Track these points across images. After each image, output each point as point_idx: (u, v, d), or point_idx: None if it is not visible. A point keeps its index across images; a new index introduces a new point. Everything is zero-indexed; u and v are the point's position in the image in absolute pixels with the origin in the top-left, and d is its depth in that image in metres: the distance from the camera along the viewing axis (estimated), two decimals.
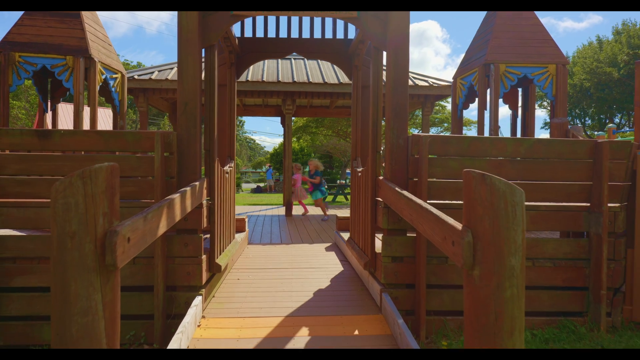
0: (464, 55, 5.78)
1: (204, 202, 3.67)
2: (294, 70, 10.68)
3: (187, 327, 2.97)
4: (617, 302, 3.64)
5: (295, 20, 5.84)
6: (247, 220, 6.60)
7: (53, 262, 1.54)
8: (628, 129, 14.45)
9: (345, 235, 5.87)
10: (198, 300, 3.41)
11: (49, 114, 5.61)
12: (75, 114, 4.74)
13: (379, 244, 3.85)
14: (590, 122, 30.04)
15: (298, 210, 11.15)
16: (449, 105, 20.01)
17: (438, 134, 4.12)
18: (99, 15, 5.31)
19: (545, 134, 31.65)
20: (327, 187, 20.93)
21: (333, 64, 6.60)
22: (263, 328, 3.26)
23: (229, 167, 4.91)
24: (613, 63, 26.19)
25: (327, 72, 10.71)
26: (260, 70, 10.47)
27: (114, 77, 5.23)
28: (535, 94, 5.73)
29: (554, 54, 5.12)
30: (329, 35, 5.83)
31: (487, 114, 5.20)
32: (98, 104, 4.92)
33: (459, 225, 1.80)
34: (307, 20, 7.11)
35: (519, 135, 5.74)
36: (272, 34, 5.73)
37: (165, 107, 10.97)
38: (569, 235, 3.94)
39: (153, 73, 9.59)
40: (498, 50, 5.09)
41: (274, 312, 3.59)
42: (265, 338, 3.09)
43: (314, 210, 11.31)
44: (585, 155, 3.62)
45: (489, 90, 5.09)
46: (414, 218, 2.67)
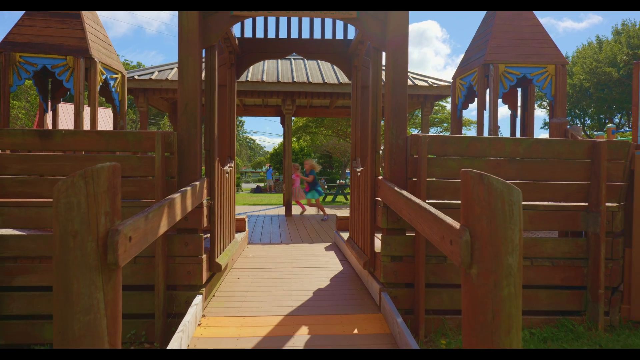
0: (464, 56, 5.80)
1: (204, 201, 3.68)
2: (294, 71, 10.69)
3: (187, 326, 2.99)
4: (615, 301, 3.66)
5: (295, 21, 5.85)
6: (247, 220, 6.62)
7: (55, 260, 1.55)
8: (627, 129, 14.45)
9: (345, 235, 5.89)
10: (198, 300, 3.42)
11: (50, 114, 5.63)
12: (76, 114, 4.76)
13: (379, 244, 3.86)
14: (590, 122, 30.06)
15: (298, 210, 11.20)
16: (449, 106, 20.00)
17: (437, 134, 4.14)
18: (99, 16, 5.32)
19: (545, 134, 31.68)
20: (326, 187, 21.08)
21: (333, 65, 6.61)
22: (263, 327, 3.28)
23: (229, 167, 4.93)
24: (613, 63, 26.21)
25: (326, 72, 10.72)
26: (260, 71, 10.48)
27: (114, 77, 5.25)
28: (535, 94, 5.74)
29: (553, 54, 5.14)
30: (329, 36, 5.84)
31: (486, 114, 5.22)
32: (98, 104, 4.93)
33: (457, 225, 1.82)
34: (306, 21, 7.13)
35: (519, 135, 5.76)
36: (272, 35, 5.75)
37: (165, 107, 10.98)
38: (568, 235, 3.96)
39: (153, 73, 9.60)
40: (497, 51, 5.11)
41: (274, 311, 3.61)
42: (265, 337, 3.11)
43: (313, 210, 11.32)
44: (584, 155, 3.64)
45: (488, 91, 5.10)
46: (413, 217, 2.69)
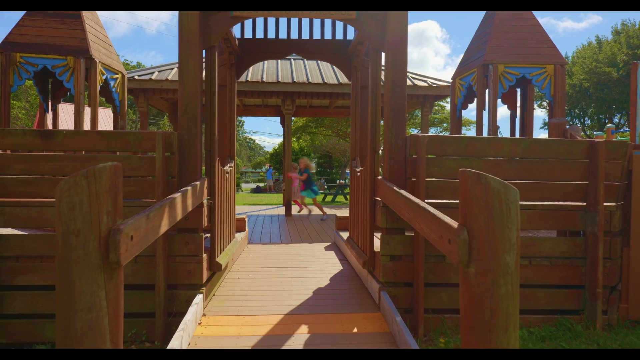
0: (463, 56, 5.82)
1: (205, 201, 3.70)
2: (294, 71, 10.71)
3: (188, 324, 3.01)
4: (613, 300, 3.68)
5: (295, 22, 5.87)
6: (247, 220, 6.64)
7: (58, 259, 1.57)
8: (627, 129, 14.48)
9: (345, 235, 5.91)
10: (199, 299, 3.44)
11: (50, 114, 5.65)
12: (76, 114, 4.78)
13: (378, 243, 3.88)
14: (590, 122, 30.08)
15: (297, 209, 11.20)
16: (448, 106, 20.00)
17: (436, 134, 4.16)
18: (99, 16, 5.34)
19: (544, 134, 31.70)
20: (326, 187, 21.11)
21: (332, 65, 6.63)
22: (263, 326, 3.29)
23: (229, 167, 4.94)
24: (612, 63, 26.23)
25: (326, 72, 10.74)
26: (260, 71, 10.50)
27: (115, 77, 5.26)
28: (534, 94, 5.76)
29: (552, 55, 5.16)
30: (329, 36, 5.86)
31: (485, 114, 5.24)
32: (98, 104, 4.95)
33: (455, 224, 1.84)
34: (306, 22, 7.14)
35: (518, 135, 5.78)
36: (271, 35, 5.77)
37: (166, 107, 11.00)
38: (566, 234, 3.98)
39: (153, 73, 9.61)
40: (496, 51, 5.13)
41: (274, 310, 3.63)
42: (265, 336, 3.13)
43: (314, 210, 11.34)
44: (582, 155, 3.66)
45: (488, 91, 5.12)
46: (412, 217, 2.71)
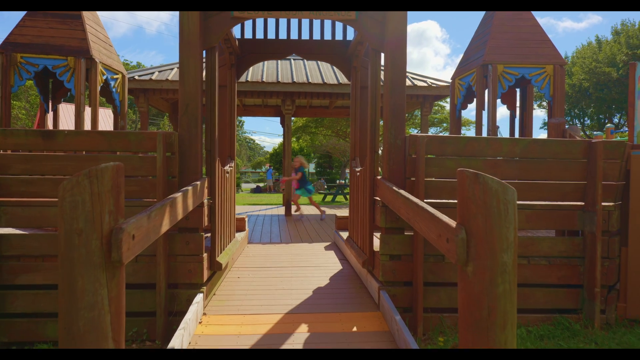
0: (462, 56, 5.83)
1: (205, 201, 3.72)
2: (294, 71, 10.73)
3: (188, 323, 3.03)
4: (611, 299, 3.70)
5: (295, 22, 5.89)
6: (247, 220, 6.66)
7: (60, 258, 1.59)
8: (627, 129, 14.51)
9: (344, 235, 5.93)
10: (199, 298, 3.46)
11: (50, 114, 5.67)
12: (77, 115, 4.80)
13: (377, 243, 3.90)
14: (589, 122, 30.10)
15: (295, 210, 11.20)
16: (448, 106, 20.04)
17: (435, 134, 4.18)
18: (99, 16, 5.36)
19: (544, 134, 31.72)
20: (326, 187, 21.13)
21: (332, 65, 6.65)
22: (263, 325, 3.32)
23: (230, 167, 4.97)
24: (612, 63, 26.26)
25: (326, 72, 10.76)
26: (260, 71, 10.51)
27: (115, 77, 5.28)
28: (533, 95, 5.78)
29: (552, 55, 5.18)
30: (328, 37, 5.88)
31: (485, 114, 5.26)
32: (99, 104, 4.97)
33: (453, 223, 1.86)
34: (306, 22, 7.16)
35: (517, 135, 5.80)
36: (271, 36, 5.79)
37: (166, 107, 11.02)
38: (564, 234, 4.00)
39: (153, 74, 9.63)
40: (496, 51, 5.15)
41: (274, 309, 3.65)
42: (266, 334, 3.15)
43: (311, 210, 11.35)
44: (580, 155, 3.68)
45: (487, 91, 5.14)
46: (411, 216, 2.73)
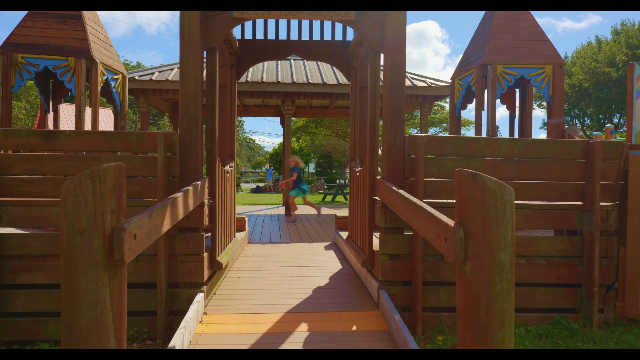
0: (462, 56, 5.85)
1: (206, 201, 3.74)
2: (294, 71, 10.75)
3: (189, 322, 3.05)
4: (609, 298, 3.72)
5: (295, 23, 5.91)
6: (247, 220, 6.67)
7: (63, 257, 1.61)
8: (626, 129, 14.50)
9: (344, 234, 5.95)
10: (200, 297, 3.48)
11: (51, 115, 5.68)
12: (77, 115, 4.82)
13: (377, 242, 3.92)
14: (589, 122, 30.12)
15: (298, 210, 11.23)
16: (448, 106, 20.05)
17: (434, 135, 4.20)
18: (99, 16, 5.38)
19: (543, 134, 31.72)
20: (326, 187, 21.16)
21: (332, 66, 6.67)
22: (263, 324, 3.33)
23: (230, 167, 4.98)
24: (612, 63, 26.28)
25: (326, 73, 10.77)
26: (260, 71, 10.53)
27: (115, 77, 5.30)
28: (533, 95, 5.80)
29: (551, 55, 5.20)
30: (328, 37, 5.89)
31: (484, 115, 5.27)
32: (99, 105, 4.99)
33: (452, 223, 1.87)
34: (306, 23, 7.18)
35: (517, 136, 5.82)
36: (271, 36, 5.80)
37: (166, 107, 11.03)
38: (563, 234, 4.02)
39: (154, 74, 9.65)
40: (495, 51, 5.17)
41: (274, 308, 3.67)
42: (266, 334, 3.17)
43: (310, 210, 11.37)
44: (578, 155, 3.70)
45: (487, 91, 5.16)
46: (410, 216, 2.74)
